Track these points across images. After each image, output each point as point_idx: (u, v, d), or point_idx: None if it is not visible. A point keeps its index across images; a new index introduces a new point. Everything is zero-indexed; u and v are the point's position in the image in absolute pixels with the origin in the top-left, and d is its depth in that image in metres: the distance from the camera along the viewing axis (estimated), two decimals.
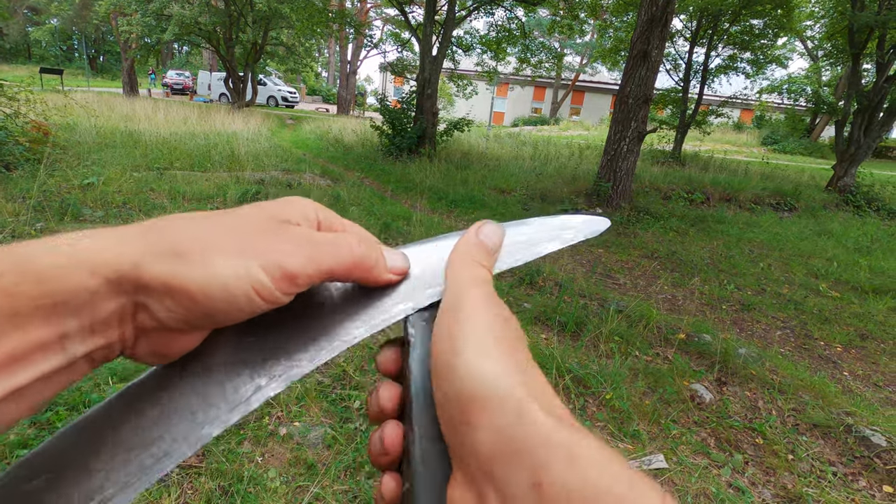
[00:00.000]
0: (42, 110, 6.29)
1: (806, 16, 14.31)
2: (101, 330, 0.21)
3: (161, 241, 0.23)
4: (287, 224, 0.27)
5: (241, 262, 0.23)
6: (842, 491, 2.02)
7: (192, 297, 0.22)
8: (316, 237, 0.27)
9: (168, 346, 0.24)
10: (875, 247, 6.63)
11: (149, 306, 0.22)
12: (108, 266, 0.21)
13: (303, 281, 0.25)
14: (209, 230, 0.24)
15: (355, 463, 1.82)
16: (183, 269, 0.22)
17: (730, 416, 2.45)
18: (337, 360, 2.42)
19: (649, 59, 6.40)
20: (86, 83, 24.17)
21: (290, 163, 8.12)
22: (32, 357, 0.19)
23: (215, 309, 0.23)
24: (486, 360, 0.21)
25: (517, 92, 33.42)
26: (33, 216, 3.70)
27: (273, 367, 0.26)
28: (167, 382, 0.25)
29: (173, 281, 0.22)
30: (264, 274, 0.24)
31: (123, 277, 0.21)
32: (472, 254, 0.28)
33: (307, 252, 0.26)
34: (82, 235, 0.21)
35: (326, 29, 13.05)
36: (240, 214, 0.26)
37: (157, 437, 0.23)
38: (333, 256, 0.26)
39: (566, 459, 0.17)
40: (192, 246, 0.23)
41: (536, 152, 12.52)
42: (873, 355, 3.47)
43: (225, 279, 0.23)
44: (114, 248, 0.21)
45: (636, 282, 4.55)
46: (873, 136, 9.43)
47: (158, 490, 1.60)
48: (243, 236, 0.25)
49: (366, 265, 0.28)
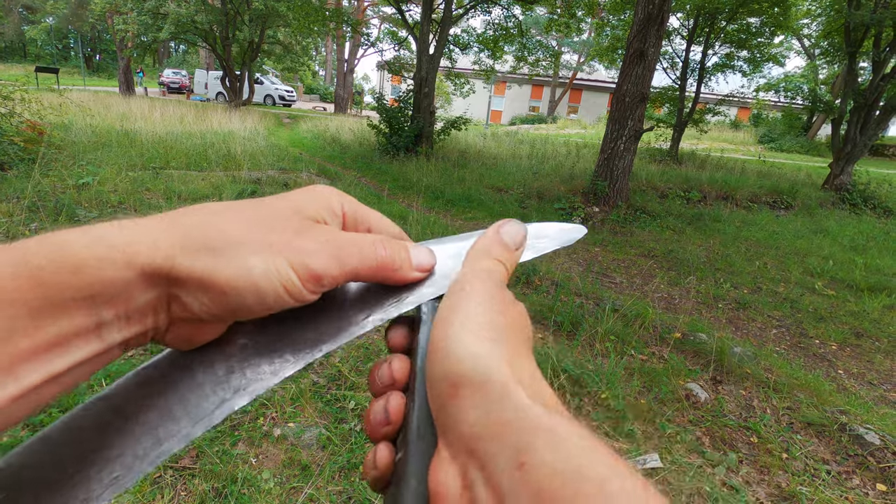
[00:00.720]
0: (37, 109, 6.26)
1: (803, 14, 14.31)
2: (136, 318, 0.22)
3: (193, 235, 0.23)
4: (313, 221, 0.27)
5: (271, 259, 0.24)
6: (835, 489, 2.03)
7: (224, 292, 0.23)
8: (341, 239, 0.27)
9: (197, 334, 0.25)
10: (871, 245, 6.65)
11: (182, 298, 0.23)
12: (143, 259, 0.21)
13: (328, 281, 0.26)
14: (238, 224, 0.25)
15: (350, 464, 1.82)
16: (216, 264, 0.23)
17: (724, 415, 2.46)
18: (332, 361, 2.42)
19: (646, 57, 6.40)
20: (82, 82, 24.09)
21: (287, 162, 8.11)
22: (70, 344, 0.20)
23: (245, 304, 0.24)
24: (475, 341, 0.21)
25: (515, 90, 33.42)
26: (27, 216, 3.68)
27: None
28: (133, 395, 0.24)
29: (207, 277, 0.23)
30: (294, 273, 0.25)
31: (158, 271, 0.22)
32: (489, 249, 0.28)
33: (333, 253, 0.26)
34: (117, 227, 0.22)
35: (323, 27, 13.00)
36: (267, 207, 0.27)
37: (118, 455, 0.23)
38: (359, 258, 0.27)
39: (550, 442, 0.17)
40: (223, 241, 0.24)
41: (534, 151, 12.52)
42: (868, 353, 3.48)
43: (257, 276, 0.24)
44: (147, 240, 0.22)
45: (632, 281, 4.56)
46: (869, 135, 9.46)
47: (152, 492, 1.59)
48: (272, 232, 0.25)
49: (392, 267, 0.29)
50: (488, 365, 0.20)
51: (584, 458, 0.17)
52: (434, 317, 0.26)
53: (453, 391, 0.20)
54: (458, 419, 0.20)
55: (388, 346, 0.30)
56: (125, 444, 0.23)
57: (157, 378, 0.25)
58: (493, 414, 0.19)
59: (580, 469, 0.16)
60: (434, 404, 0.22)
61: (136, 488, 1.59)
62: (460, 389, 0.20)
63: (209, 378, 0.25)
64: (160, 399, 0.24)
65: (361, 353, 2.53)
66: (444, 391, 0.21)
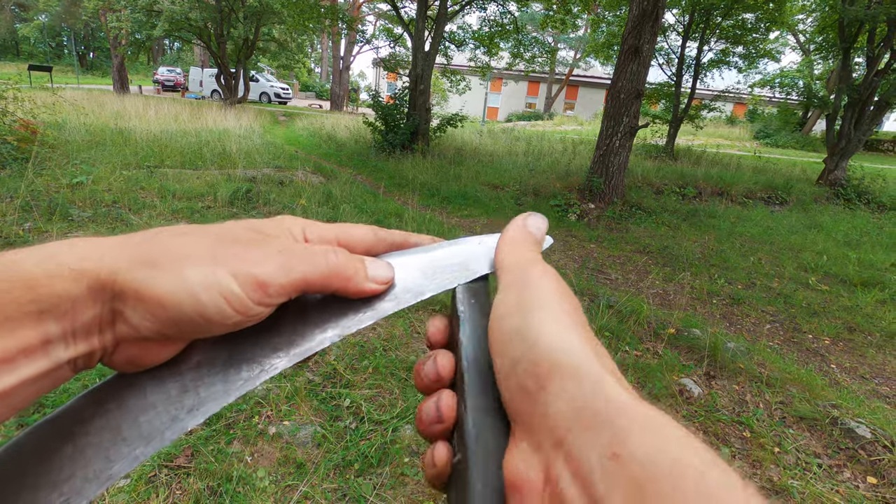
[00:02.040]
0: (30, 108, 6.23)
1: (798, 10, 14.35)
2: (82, 336, 0.22)
3: (138, 250, 0.23)
4: (265, 234, 0.27)
5: (210, 269, 0.23)
6: (826, 483, 2.05)
7: (162, 305, 0.22)
8: (291, 246, 0.26)
9: (144, 355, 0.24)
10: (864, 240, 6.69)
11: (125, 314, 0.22)
12: (90, 273, 0.21)
13: (275, 290, 0.25)
14: (187, 241, 0.24)
15: (345, 461, 1.83)
16: (154, 276, 0.22)
17: (718, 410, 2.48)
18: (327, 359, 2.43)
19: (640, 53, 6.41)
20: (75, 80, 23.91)
21: (283, 160, 8.08)
22: (18, 361, 0.20)
23: (186, 318, 0.23)
24: (561, 328, 0.21)
25: (511, 87, 33.39)
26: (21, 216, 3.67)
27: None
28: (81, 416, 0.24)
29: (144, 289, 0.22)
30: (234, 282, 0.23)
31: (102, 284, 0.22)
32: (525, 240, 0.28)
33: (279, 260, 0.25)
34: (69, 245, 0.22)
35: (318, 24, 12.92)
36: (224, 228, 0.26)
37: (68, 477, 0.22)
38: (307, 265, 0.26)
39: (645, 432, 0.17)
40: (166, 255, 0.23)
41: (530, 148, 12.52)
42: (860, 348, 3.51)
43: (194, 286, 0.23)
44: (95, 256, 0.22)
45: (627, 277, 4.58)
46: (863, 130, 9.51)
47: (146, 491, 1.60)
48: (218, 246, 0.24)
49: (344, 275, 0.27)
50: (579, 354, 0.20)
51: (680, 449, 0.16)
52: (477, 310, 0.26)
53: (541, 379, 0.20)
54: (547, 407, 0.19)
55: (428, 343, 0.30)
56: (75, 466, 0.22)
57: (108, 398, 0.24)
58: (585, 404, 0.18)
59: (677, 461, 0.15)
60: (511, 394, 0.21)
61: (131, 487, 1.59)
62: (550, 379, 0.20)
63: (161, 398, 0.24)
64: (111, 420, 0.24)
65: (357, 350, 2.54)
66: (528, 380, 0.20)
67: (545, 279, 0.24)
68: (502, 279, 0.25)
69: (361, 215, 5.12)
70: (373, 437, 1.96)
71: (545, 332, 0.21)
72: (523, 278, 0.25)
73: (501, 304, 0.24)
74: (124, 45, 17.91)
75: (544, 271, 0.25)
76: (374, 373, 2.38)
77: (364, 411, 2.09)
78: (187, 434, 1.85)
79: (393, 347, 2.62)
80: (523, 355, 0.21)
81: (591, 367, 0.19)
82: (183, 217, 4.42)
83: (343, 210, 5.15)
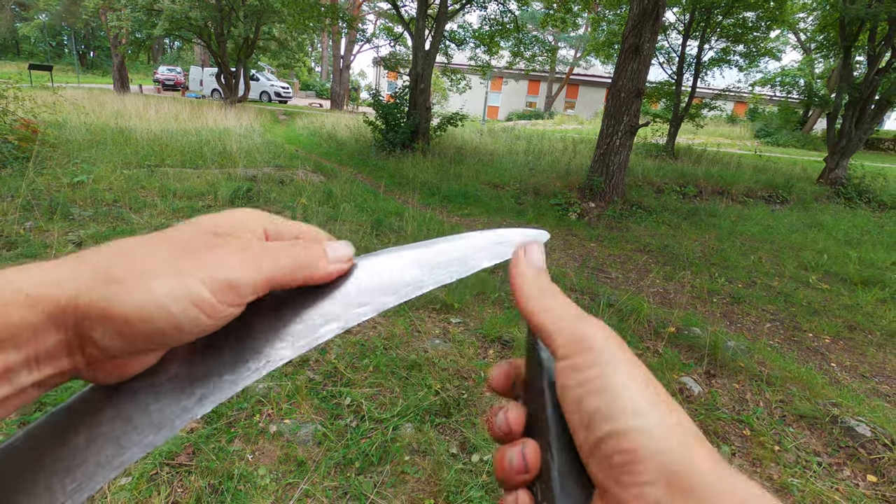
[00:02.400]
0: (31, 107, 6.23)
1: (798, 8, 14.31)
2: (46, 361, 0.22)
3: (97, 269, 0.23)
4: (225, 236, 0.26)
5: (177, 280, 0.23)
6: (826, 481, 2.05)
7: (130, 322, 0.22)
8: (252, 245, 0.26)
9: (122, 369, 0.24)
10: (865, 238, 6.68)
11: (93, 337, 0.22)
12: (48, 300, 0.21)
13: (246, 290, 0.25)
14: (145, 253, 0.24)
15: (345, 459, 1.84)
16: (118, 294, 0.22)
17: (718, 409, 2.48)
18: (328, 358, 2.43)
19: (641, 52, 6.40)
20: (76, 79, 23.92)
21: (283, 159, 8.09)
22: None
23: (157, 331, 0.23)
24: (645, 406, 0.21)
25: (511, 86, 33.37)
26: (22, 215, 3.67)
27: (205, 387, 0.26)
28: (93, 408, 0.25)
29: (110, 307, 0.22)
30: (205, 289, 0.23)
31: (63, 310, 0.21)
32: (539, 279, 0.28)
33: (246, 259, 0.25)
34: (23, 270, 0.22)
35: (319, 23, 12.92)
36: (180, 234, 0.26)
37: (82, 462, 0.23)
38: (271, 260, 0.26)
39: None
40: (128, 270, 0.23)
41: (530, 146, 12.52)
42: (861, 346, 3.51)
43: (162, 299, 0.22)
44: (52, 281, 0.22)
45: (628, 276, 4.58)
46: (864, 129, 9.50)
47: (148, 489, 1.60)
48: (179, 254, 0.24)
49: (306, 262, 0.27)
50: (665, 431, 0.20)
51: None
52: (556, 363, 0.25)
53: (631, 464, 0.20)
54: (642, 491, 0.19)
55: (491, 387, 0.29)
56: (88, 453, 0.23)
57: (119, 389, 0.25)
58: (678, 481, 0.18)
59: None
60: (600, 470, 0.21)
61: (133, 485, 1.60)
62: (643, 463, 0.19)
63: (171, 388, 0.25)
64: (122, 410, 0.24)
65: (357, 349, 2.54)
66: (618, 464, 0.20)
67: (614, 348, 0.23)
68: (558, 342, 0.24)
69: (362, 214, 5.12)
70: (373, 435, 1.97)
71: (635, 419, 0.20)
72: (588, 346, 0.23)
73: (572, 379, 0.23)
74: (124, 44, 17.90)
75: (606, 336, 0.24)
76: (374, 371, 2.39)
77: (365, 409, 2.10)
78: (188, 432, 1.86)
79: (394, 346, 2.62)
80: (609, 438, 0.21)
81: (680, 442, 0.20)
82: (184, 216, 4.42)
83: (343, 209, 5.15)
